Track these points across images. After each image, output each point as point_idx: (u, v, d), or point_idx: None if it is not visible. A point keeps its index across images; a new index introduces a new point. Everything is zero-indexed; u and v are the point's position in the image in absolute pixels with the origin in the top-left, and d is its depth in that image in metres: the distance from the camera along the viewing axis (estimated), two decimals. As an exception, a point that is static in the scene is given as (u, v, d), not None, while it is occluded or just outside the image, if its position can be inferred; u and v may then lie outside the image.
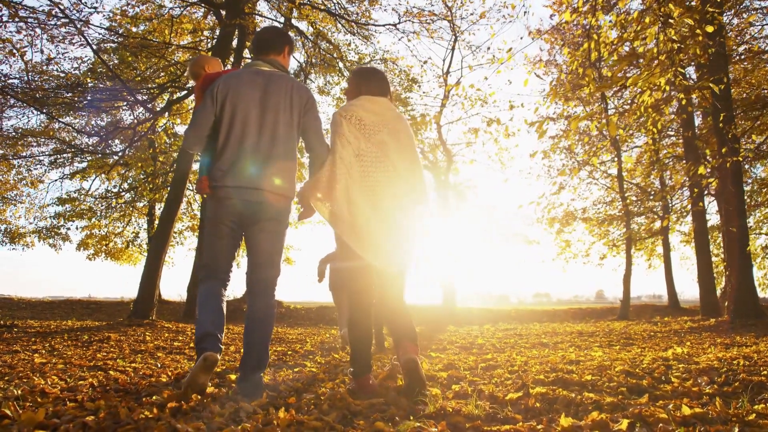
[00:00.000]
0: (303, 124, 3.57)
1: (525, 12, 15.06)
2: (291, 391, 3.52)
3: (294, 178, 3.53)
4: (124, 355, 6.02)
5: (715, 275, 19.14)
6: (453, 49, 20.70)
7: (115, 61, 16.78)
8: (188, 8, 15.94)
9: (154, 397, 3.10)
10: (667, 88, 8.83)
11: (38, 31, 12.44)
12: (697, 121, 20.77)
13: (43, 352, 6.12)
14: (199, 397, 3.05)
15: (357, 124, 3.62)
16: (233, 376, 3.96)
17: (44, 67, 15.22)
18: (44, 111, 13.10)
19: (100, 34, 13.96)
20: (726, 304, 12.64)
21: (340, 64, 18.93)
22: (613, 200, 24.69)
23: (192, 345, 7.55)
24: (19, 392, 3.09)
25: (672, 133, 22.03)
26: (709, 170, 13.94)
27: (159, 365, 5.02)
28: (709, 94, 10.79)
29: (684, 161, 20.33)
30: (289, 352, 6.77)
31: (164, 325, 11.13)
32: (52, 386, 3.45)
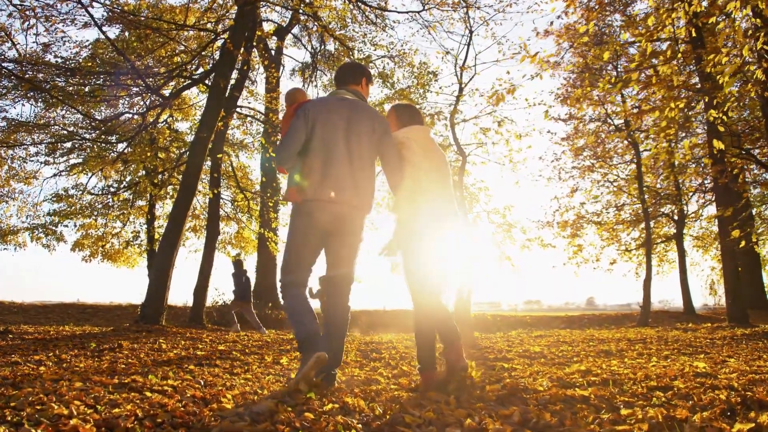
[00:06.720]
0: (381, 148, 3.99)
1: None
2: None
3: (373, 195, 3.97)
4: (148, 368, 5.00)
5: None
6: (469, 44, 19.82)
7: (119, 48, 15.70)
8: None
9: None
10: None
11: (37, 10, 11.43)
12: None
13: (49, 364, 5.09)
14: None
15: (419, 144, 4.08)
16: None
17: (41, 56, 14.15)
18: (42, 93, 12.00)
19: (104, 11, 12.88)
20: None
21: (349, 60, 18.09)
22: (623, 205, 23.96)
23: (218, 355, 6.76)
24: (41, 433, 2.09)
25: (683, 134, 21.22)
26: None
27: (202, 382, 4.04)
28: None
29: (706, 159, 19.49)
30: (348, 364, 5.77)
31: (177, 330, 10.10)
32: (81, 419, 2.46)
